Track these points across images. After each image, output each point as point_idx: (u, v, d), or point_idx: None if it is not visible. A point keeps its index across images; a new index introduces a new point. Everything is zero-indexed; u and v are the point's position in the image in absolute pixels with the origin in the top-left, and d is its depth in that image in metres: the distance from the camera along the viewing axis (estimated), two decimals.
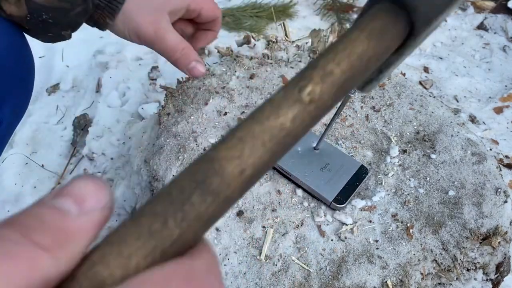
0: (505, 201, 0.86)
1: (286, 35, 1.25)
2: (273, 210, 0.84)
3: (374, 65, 0.35)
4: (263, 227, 0.82)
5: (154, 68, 1.76)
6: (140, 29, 0.65)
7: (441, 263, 0.79)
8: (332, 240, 0.80)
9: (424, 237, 0.81)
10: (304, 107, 0.31)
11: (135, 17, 0.65)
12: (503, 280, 0.91)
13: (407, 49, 0.38)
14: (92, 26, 0.71)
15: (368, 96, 1.04)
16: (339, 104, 0.79)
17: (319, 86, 0.31)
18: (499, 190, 0.87)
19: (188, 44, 0.72)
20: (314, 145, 0.89)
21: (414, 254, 0.79)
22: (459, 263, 0.79)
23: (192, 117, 1.00)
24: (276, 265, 0.77)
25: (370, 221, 0.83)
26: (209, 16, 0.74)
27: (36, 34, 0.65)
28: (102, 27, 0.69)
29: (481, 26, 2.07)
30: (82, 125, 1.59)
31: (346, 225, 0.82)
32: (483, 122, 1.62)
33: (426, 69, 1.86)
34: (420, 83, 1.77)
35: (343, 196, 0.83)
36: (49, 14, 0.57)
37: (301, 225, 0.83)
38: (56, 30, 0.63)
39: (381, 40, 0.34)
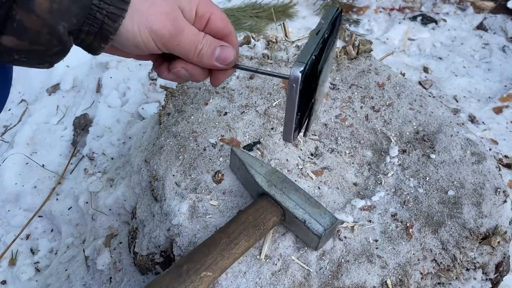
0: (505, 201, 0.86)
1: (286, 35, 1.25)
2: None
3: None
4: None
5: None
6: (155, 23, 0.57)
7: (441, 262, 0.79)
8: (332, 239, 0.81)
9: (424, 236, 0.81)
10: None
11: (147, 9, 0.56)
12: (502, 280, 0.91)
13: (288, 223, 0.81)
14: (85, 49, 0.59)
15: (368, 96, 1.05)
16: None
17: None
18: (498, 190, 0.87)
19: (206, 33, 0.63)
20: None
21: (413, 254, 0.79)
22: (458, 263, 0.79)
23: (192, 117, 1.00)
24: (276, 264, 0.77)
25: (370, 221, 0.84)
26: (219, 26, 0.65)
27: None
28: (93, 52, 0.59)
29: (481, 26, 2.08)
30: (82, 125, 1.59)
31: (346, 224, 0.82)
32: (483, 122, 1.62)
33: (425, 69, 1.87)
34: (420, 83, 1.78)
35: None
36: (22, 55, 0.52)
37: None
38: (31, 66, 0.57)
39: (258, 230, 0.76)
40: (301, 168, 0.92)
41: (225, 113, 1.00)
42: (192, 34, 0.61)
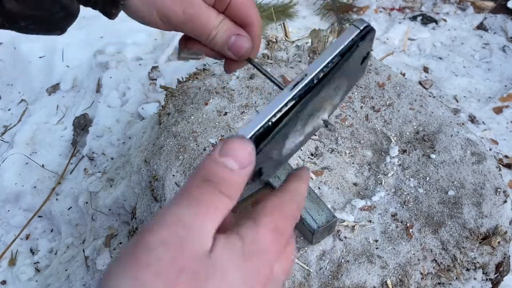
0: (505, 201, 0.86)
1: (286, 35, 1.25)
2: None
3: None
4: None
5: (154, 68, 1.77)
6: (166, 7, 0.53)
7: (441, 263, 0.79)
8: (332, 239, 0.81)
9: (424, 237, 0.81)
10: None
11: None
12: (502, 280, 0.91)
13: None
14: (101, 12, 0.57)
15: (368, 96, 1.05)
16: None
17: None
18: (498, 190, 0.87)
19: (226, 18, 0.57)
20: None
21: (413, 254, 0.79)
22: (458, 263, 0.79)
23: (192, 117, 1.00)
24: None
25: (370, 221, 0.83)
26: (240, 12, 0.57)
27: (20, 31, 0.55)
28: (108, 16, 0.57)
29: (481, 26, 2.08)
30: (82, 125, 1.59)
31: (347, 223, 0.82)
32: (483, 122, 1.62)
33: (426, 69, 1.86)
34: (420, 83, 1.78)
35: None
36: (28, 21, 0.50)
37: None
38: (41, 33, 0.55)
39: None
40: None
41: (225, 113, 1.00)
42: (208, 19, 0.56)
